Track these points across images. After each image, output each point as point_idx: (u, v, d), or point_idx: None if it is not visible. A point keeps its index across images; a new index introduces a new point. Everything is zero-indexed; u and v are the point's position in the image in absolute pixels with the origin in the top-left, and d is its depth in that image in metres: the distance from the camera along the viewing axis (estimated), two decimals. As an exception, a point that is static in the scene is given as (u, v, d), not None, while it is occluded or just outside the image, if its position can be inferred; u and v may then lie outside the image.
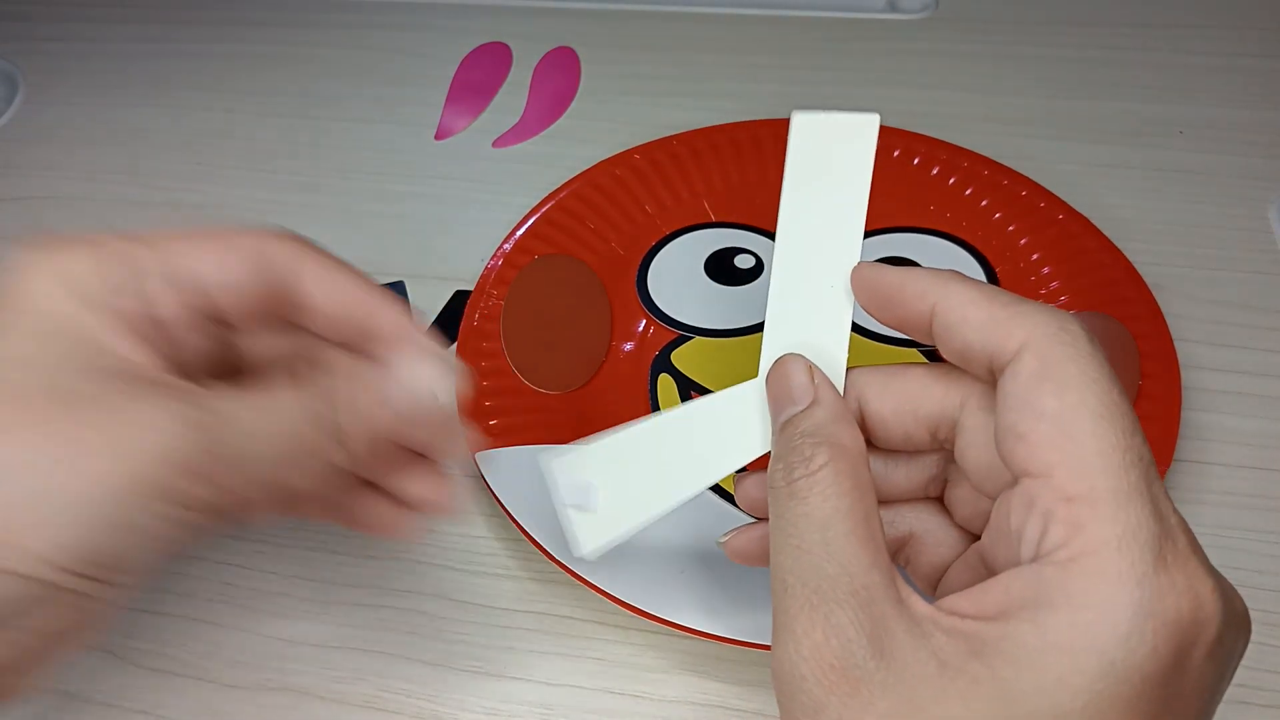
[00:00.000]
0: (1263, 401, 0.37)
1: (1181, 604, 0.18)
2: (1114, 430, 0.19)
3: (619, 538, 0.26)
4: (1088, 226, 0.41)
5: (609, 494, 0.26)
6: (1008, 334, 0.21)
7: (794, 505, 0.21)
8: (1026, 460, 0.20)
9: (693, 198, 0.45)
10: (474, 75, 0.55)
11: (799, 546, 0.21)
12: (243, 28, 0.60)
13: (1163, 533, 0.19)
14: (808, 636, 0.19)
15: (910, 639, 0.19)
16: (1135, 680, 0.18)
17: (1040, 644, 0.18)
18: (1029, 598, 0.18)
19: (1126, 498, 0.19)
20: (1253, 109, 0.49)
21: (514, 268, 0.41)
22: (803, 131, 0.26)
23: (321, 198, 0.49)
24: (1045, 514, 0.19)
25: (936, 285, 0.23)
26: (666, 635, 0.32)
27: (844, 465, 0.22)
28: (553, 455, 0.27)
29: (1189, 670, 0.18)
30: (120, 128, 0.54)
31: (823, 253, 0.26)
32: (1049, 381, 0.20)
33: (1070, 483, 0.19)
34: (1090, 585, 0.18)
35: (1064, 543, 0.19)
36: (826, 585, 0.20)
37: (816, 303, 0.26)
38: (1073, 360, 0.20)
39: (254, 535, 0.36)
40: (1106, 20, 0.55)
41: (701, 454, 0.26)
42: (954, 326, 0.22)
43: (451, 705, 0.31)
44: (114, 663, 0.33)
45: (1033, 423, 0.20)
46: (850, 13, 0.57)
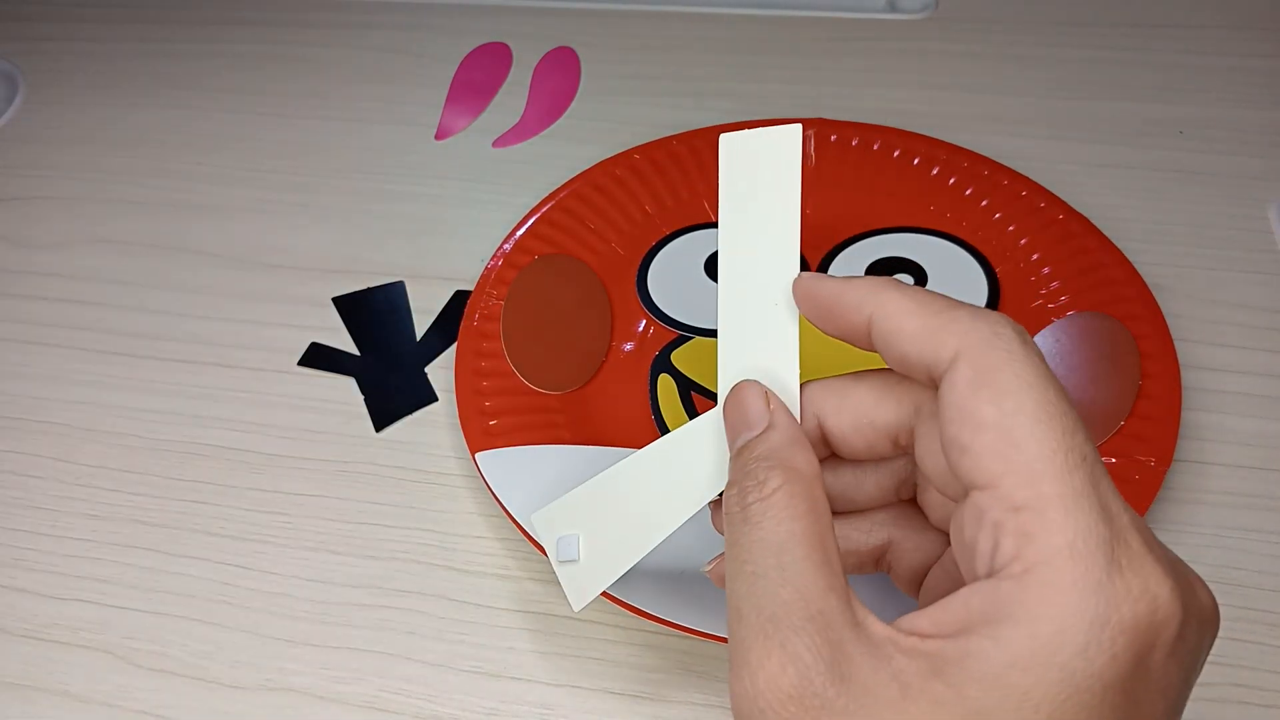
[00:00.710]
0: (1263, 401, 0.37)
1: (1138, 608, 0.18)
2: (1054, 433, 0.19)
3: (604, 585, 0.27)
4: (1088, 226, 0.41)
5: (590, 542, 0.27)
6: (941, 343, 0.21)
7: (748, 530, 0.21)
8: (972, 472, 0.19)
9: (693, 198, 0.45)
10: (474, 75, 0.55)
11: (753, 572, 0.20)
12: (242, 28, 0.60)
13: (1113, 535, 0.18)
14: (763, 666, 0.19)
15: (870, 662, 0.19)
16: (1097, 689, 0.17)
17: (1001, 660, 0.18)
18: (988, 613, 0.18)
19: (1074, 502, 0.18)
20: (1253, 109, 0.49)
21: (514, 268, 0.41)
22: (729, 151, 0.26)
23: (321, 198, 0.49)
24: (995, 526, 0.19)
25: (872, 295, 0.22)
26: (666, 635, 0.32)
27: (798, 488, 0.21)
28: (538, 512, 0.27)
29: (1151, 672, 0.18)
30: (120, 128, 0.54)
31: (763, 270, 0.26)
32: (985, 389, 0.20)
33: (1016, 491, 0.19)
34: (1045, 596, 0.18)
35: (1016, 554, 0.18)
36: (782, 611, 0.19)
37: (763, 323, 0.26)
38: (1007, 365, 0.20)
39: (254, 535, 0.36)
40: (1106, 20, 0.55)
41: (674, 490, 0.26)
42: (890, 336, 0.22)
43: (451, 705, 0.31)
44: (114, 663, 0.33)
45: (973, 434, 0.19)
46: (850, 13, 0.57)
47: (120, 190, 0.51)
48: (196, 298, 0.45)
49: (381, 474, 0.38)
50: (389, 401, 0.40)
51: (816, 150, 0.46)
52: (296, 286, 0.45)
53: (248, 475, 0.38)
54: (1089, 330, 0.38)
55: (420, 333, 0.42)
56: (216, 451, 0.39)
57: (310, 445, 0.39)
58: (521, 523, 0.33)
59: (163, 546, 0.36)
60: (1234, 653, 0.31)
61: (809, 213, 0.45)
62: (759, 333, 0.25)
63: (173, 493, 0.38)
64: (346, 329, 0.43)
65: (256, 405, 0.40)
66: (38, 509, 0.38)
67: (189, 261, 0.46)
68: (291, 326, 0.43)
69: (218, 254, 0.47)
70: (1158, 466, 0.33)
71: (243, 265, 0.46)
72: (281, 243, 0.47)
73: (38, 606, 0.35)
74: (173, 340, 0.43)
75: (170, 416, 0.40)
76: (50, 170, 0.52)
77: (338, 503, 0.37)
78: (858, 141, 0.46)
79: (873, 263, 0.42)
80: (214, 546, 0.36)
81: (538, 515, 0.28)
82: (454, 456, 0.38)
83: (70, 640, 0.34)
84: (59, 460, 0.39)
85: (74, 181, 0.51)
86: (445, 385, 0.40)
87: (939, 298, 0.22)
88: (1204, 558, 0.33)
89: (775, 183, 0.26)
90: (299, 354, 0.42)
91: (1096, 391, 0.35)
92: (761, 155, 0.26)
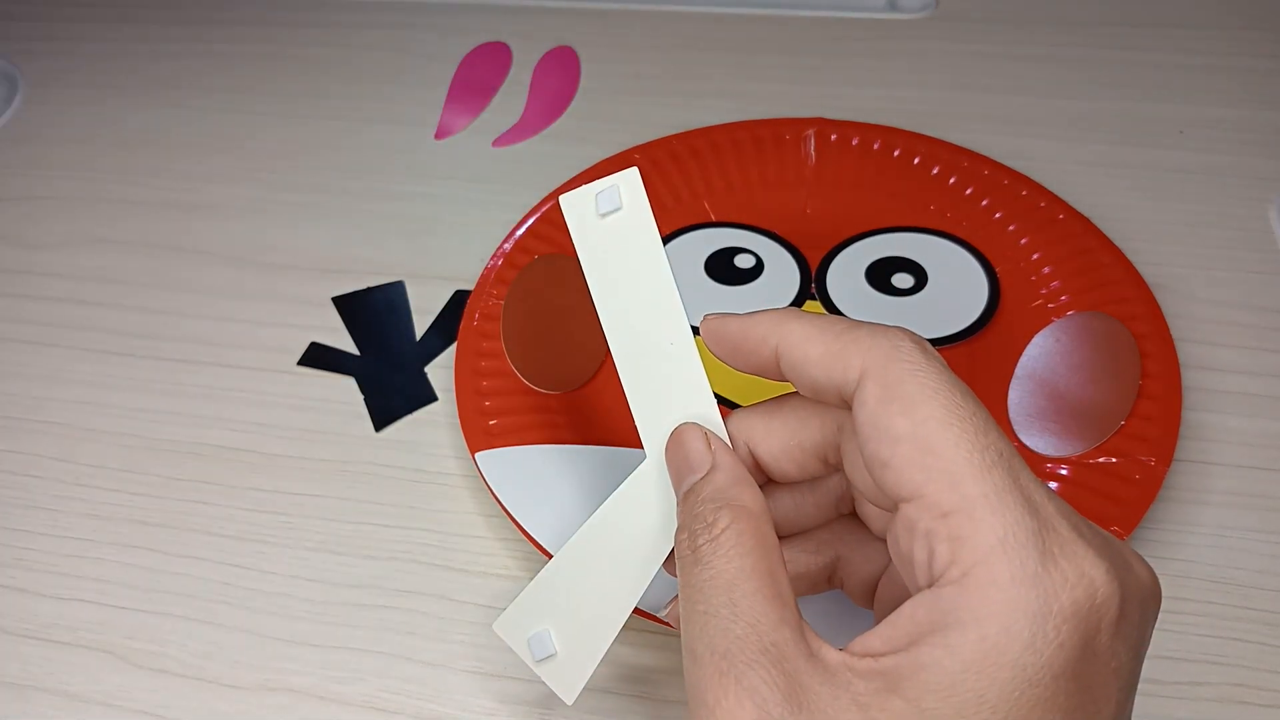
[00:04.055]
0: (1263, 401, 0.37)
1: (1076, 594, 0.18)
2: (967, 434, 0.19)
3: (590, 670, 0.26)
4: (1088, 226, 0.41)
5: (563, 632, 0.26)
6: (845, 364, 0.21)
7: (699, 571, 0.21)
8: (896, 485, 0.20)
9: (693, 198, 0.45)
10: (474, 75, 0.55)
11: (705, 611, 0.20)
12: (242, 28, 0.60)
13: (1041, 525, 0.18)
14: (720, 703, 0.19)
15: (827, 690, 0.19)
16: (1048, 680, 0.18)
17: (953, 666, 0.18)
18: (934, 622, 0.18)
19: (998, 499, 0.19)
20: (1253, 109, 0.49)
21: (514, 268, 0.41)
22: (573, 211, 0.27)
23: (321, 198, 0.49)
24: (927, 534, 0.19)
25: (774, 327, 0.23)
26: (666, 635, 0.32)
27: (746, 525, 0.22)
28: (498, 621, 0.27)
29: (1099, 655, 0.18)
30: (120, 128, 0.54)
31: (647, 317, 0.26)
32: (894, 403, 0.20)
33: (941, 497, 0.19)
34: (986, 597, 0.18)
35: (953, 559, 0.19)
36: (735, 647, 0.19)
37: (665, 367, 0.26)
38: (911, 376, 0.20)
39: (254, 535, 0.36)
40: (1107, 20, 0.55)
41: (630, 553, 0.26)
42: (797, 365, 0.22)
43: (451, 705, 0.31)
44: (114, 663, 0.33)
45: (890, 447, 0.20)
46: (850, 13, 0.57)
47: (120, 190, 0.51)
48: (196, 298, 0.45)
49: (381, 474, 0.38)
50: (389, 401, 0.40)
51: (816, 150, 0.46)
52: (296, 286, 0.45)
53: (248, 475, 0.38)
54: (1089, 330, 0.38)
55: (420, 333, 0.42)
56: (216, 451, 0.39)
57: (310, 445, 0.39)
58: (521, 522, 0.33)
59: (163, 546, 0.36)
60: (1234, 653, 0.31)
61: (809, 212, 0.45)
62: (665, 378, 0.26)
63: (173, 493, 0.38)
64: (346, 329, 0.43)
65: (256, 405, 0.40)
66: (38, 509, 0.38)
67: (189, 261, 0.46)
68: (291, 326, 0.43)
69: (218, 254, 0.47)
70: (1158, 466, 0.33)
71: (243, 265, 0.46)
72: (281, 243, 0.47)
73: (38, 606, 0.35)
74: (173, 340, 0.43)
75: (170, 416, 0.40)
76: (50, 170, 0.52)
77: (338, 503, 0.37)
78: (858, 141, 0.46)
79: (873, 263, 0.42)
80: (214, 546, 0.36)
81: (500, 623, 0.27)
82: (454, 456, 0.38)
83: (70, 640, 0.34)
84: (59, 460, 0.39)
85: (74, 181, 0.51)
86: (445, 385, 0.40)
87: (839, 320, 0.22)
88: (1204, 558, 0.33)
89: (630, 229, 0.26)
90: (299, 354, 0.42)
91: (1096, 391, 0.35)
92: (607, 206, 0.26)
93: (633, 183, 0.26)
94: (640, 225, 0.26)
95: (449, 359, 0.41)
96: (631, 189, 0.26)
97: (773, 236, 0.43)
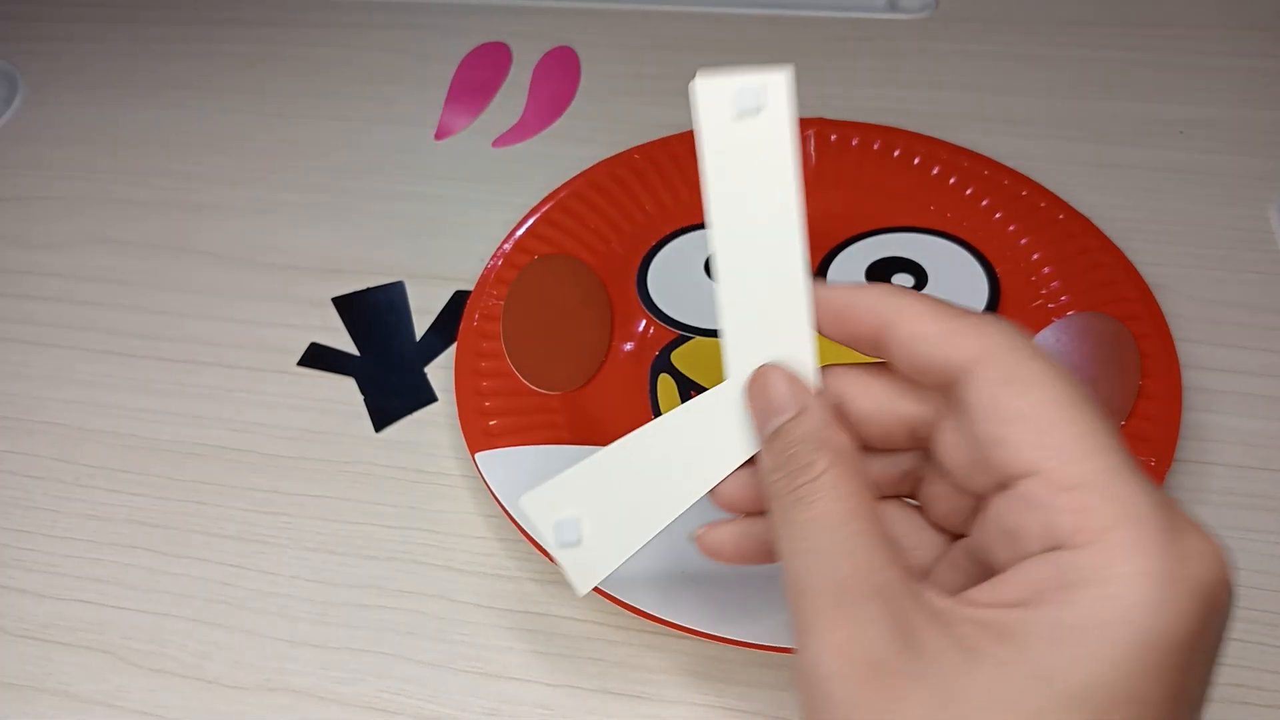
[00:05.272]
0: (1263, 401, 0.37)
1: (1200, 569, 0.18)
2: (1086, 417, 0.20)
3: (615, 566, 0.25)
4: (1088, 226, 0.41)
5: (594, 523, 0.25)
6: (958, 345, 0.21)
7: (802, 510, 0.22)
8: (1013, 463, 0.20)
9: (693, 198, 0.45)
10: (474, 75, 0.55)
11: (813, 550, 0.21)
12: (242, 28, 0.60)
13: (1162, 502, 0.19)
14: (833, 636, 0.19)
15: (934, 630, 0.19)
16: (1165, 646, 0.18)
17: (1073, 621, 0.18)
18: (1054, 581, 0.19)
19: (1119, 476, 0.19)
20: (1253, 109, 0.49)
21: (514, 268, 0.41)
22: (707, 101, 0.24)
23: (321, 197, 0.49)
24: (1047, 507, 0.19)
25: (885, 300, 0.23)
26: (666, 635, 0.32)
27: (846, 467, 0.22)
28: (528, 494, 0.25)
29: (1208, 635, 0.19)
30: (120, 128, 0.54)
31: (764, 243, 0.24)
32: (1012, 385, 0.21)
33: (1062, 473, 0.19)
34: (1113, 561, 0.18)
35: (1077, 528, 0.19)
36: (848, 585, 0.20)
37: (769, 299, 0.24)
38: (1029, 360, 0.21)
39: (254, 535, 0.36)
40: (1106, 20, 0.55)
41: (686, 466, 0.25)
42: (907, 340, 0.22)
43: (451, 705, 0.31)
44: (114, 663, 0.33)
45: (1009, 426, 0.20)
46: (850, 13, 0.57)
47: (120, 190, 0.51)
48: (196, 298, 0.45)
49: (381, 474, 0.38)
50: (389, 401, 0.40)
51: (816, 150, 0.46)
52: (296, 286, 0.45)
53: (248, 475, 0.38)
54: (1089, 330, 0.38)
55: (420, 333, 0.42)
56: (216, 451, 0.39)
57: (310, 445, 0.39)
58: (521, 523, 0.33)
59: (163, 546, 0.36)
60: (1234, 653, 0.31)
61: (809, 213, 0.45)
62: (766, 309, 0.24)
63: (173, 493, 0.38)
64: (346, 329, 0.43)
65: (256, 405, 0.40)
66: (38, 509, 0.38)
67: (189, 261, 0.46)
68: (291, 326, 0.43)
69: (218, 254, 0.47)
70: (1158, 466, 0.33)
71: (243, 265, 0.46)
72: (281, 243, 0.47)
73: (38, 606, 0.35)
74: (173, 340, 0.43)
75: (170, 416, 0.40)
76: (50, 170, 0.52)
77: (338, 503, 0.37)
78: (858, 141, 0.46)
79: (873, 263, 0.42)
80: (214, 546, 0.36)
81: (528, 498, 0.25)
82: (454, 456, 0.38)
83: (70, 640, 0.34)
84: (59, 460, 0.39)
85: (74, 181, 0.51)
86: (445, 385, 0.40)
87: (950, 305, 0.22)
88: (1204, 558, 0.33)
89: (765, 138, 0.23)
90: (299, 354, 0.42)
91: (1096, 392, 0.35)
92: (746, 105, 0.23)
93: (780, 87, 0.23)
94: (777, 138, 0.23)
95: (449, 359, 0.41)
96: (777, 93, 0.23)
97: (773, 236, 0.43)
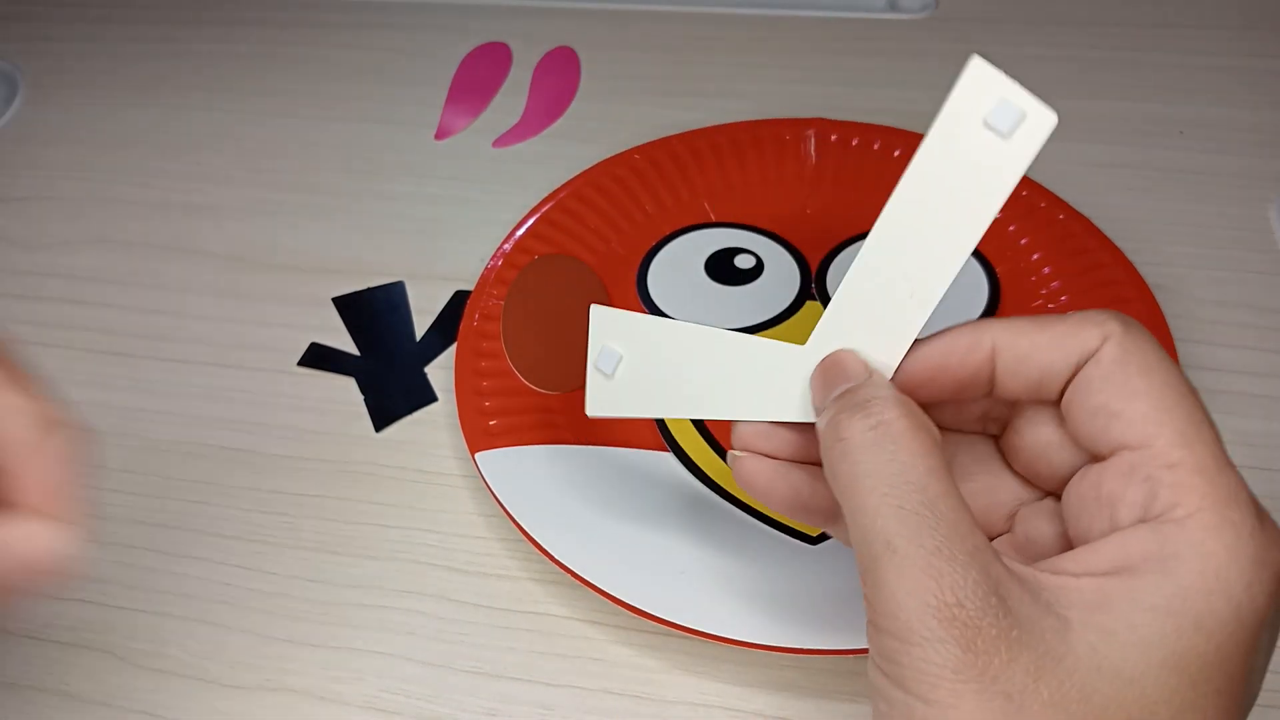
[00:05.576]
0: (1263, 401, 0.37)
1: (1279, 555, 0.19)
2: (1198, 408, 0.21)
3: (626, 414, 0.26)
4: (1088, 226, 0.41)
5: (631, 370, 0.26)
6: (1082, 337, 0.22)
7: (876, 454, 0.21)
8: (1124, 434, 0.21)
9: (693, 198, 0.45)
10: (474, 75, 0.55)
11: (900, 506, 0.20)
12: (242, 28, 0.60)
13: (1252, 495, 0.20)
14: (930, 600, 0.19)
15: (1026, 597, 0.19)
16: (1254, 624, 0.19)
17: (1171, 591, 0.19)
18: (1152, 552, 0.19)
19: (1220, 464, 0.20)
20: (1253, 109, 0.49)
21: (514, 268, 0.41)
22: (966, 94, 0.23)
23: (321, 198, 0.49)
24: (1149, 479, 0.20)
25: (981, 332, 0.23)
26: (666, 635, 0.32)
27: (917, 420, 0.22)
28: (601, 308, 0.26)
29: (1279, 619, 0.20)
30: (120, 128, 0.54)
31: (920, 253, 0.23)
32: (1133, 365, 0.21)
33: (1170, 451, 0.20)
34: (1212, 536, 0.19)
35: (1177, 502, 0.20)
36: (944, 547, 0.20)
37: (889, 303, 0.24)
38: (1149, 347, 0.22)
39: (254, 535, 0.36)
40: (1106, 20, 0.55)
41: (732, 385, 0.25)
42: (1024, 356, 0.23)
43: (451, 705, 0.31)
44: (114, 663, 0.33)
45: (1127, 400, 0.21)
46: (850, 13, 0.57)
47: (120, 190, 0.51)
48: (196, 298, 0.45)
49: (381, 474, 0.38)
50: (389, 401, 0.40)
51: (816, 150, 0.46)
52: (296, 286, 0.45)
53: (248, 475, 0.38)
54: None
55: (420, 333, 0.42)
56: (216, 451, 0.39)
57: (310, 445, 0.39)
58: (521, 523, 0.33)
59: (163, 546, 0.36)
60: (1234, 653, 0.31)
61: (809, 212, 0.45)
62: (881, 310, 0.24)
63: (173, 493, 0.38)
64: (346, 329, 0.43)
65: (256, 405, 0.40)
66: (38, 509, 0.38)
67: (189, 261, 0.46)
68: (291, 326, 0.43)
69: (218, 254, 0.47)
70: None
71: (243, 265, 0.46)
72: (281, 243, 0.47)
73: (38, 606, 0.35)
74: (173, 340, 0.43)
75: (170, 416, 0.40)
76: (50, 170, 0.52)
77: (338, 503, 0.37)
78: (858, 141, 0.46)
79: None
80: (214, 546, 0.36)
81: (599, 309, 0.26)
82: (454, 456, 0.38)
83: (70, 640, 0.34)
84: (59, 460, 0.39)
85: (74, 181, 0.51)
86: (445, 385, 0.40)
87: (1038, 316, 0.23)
88: (1204, 558, 0.33)
89: (994, 161, 0.23)
90: (299, 354, 0.42)
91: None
92: (996, 119, 0.23)
93: (1041, 127, 0.23)
94: (1005, 171, 0.23)
95: (449, 359, 0.41)
96: (1033, 131, 0.23)
97: (773, 236, 0.43)
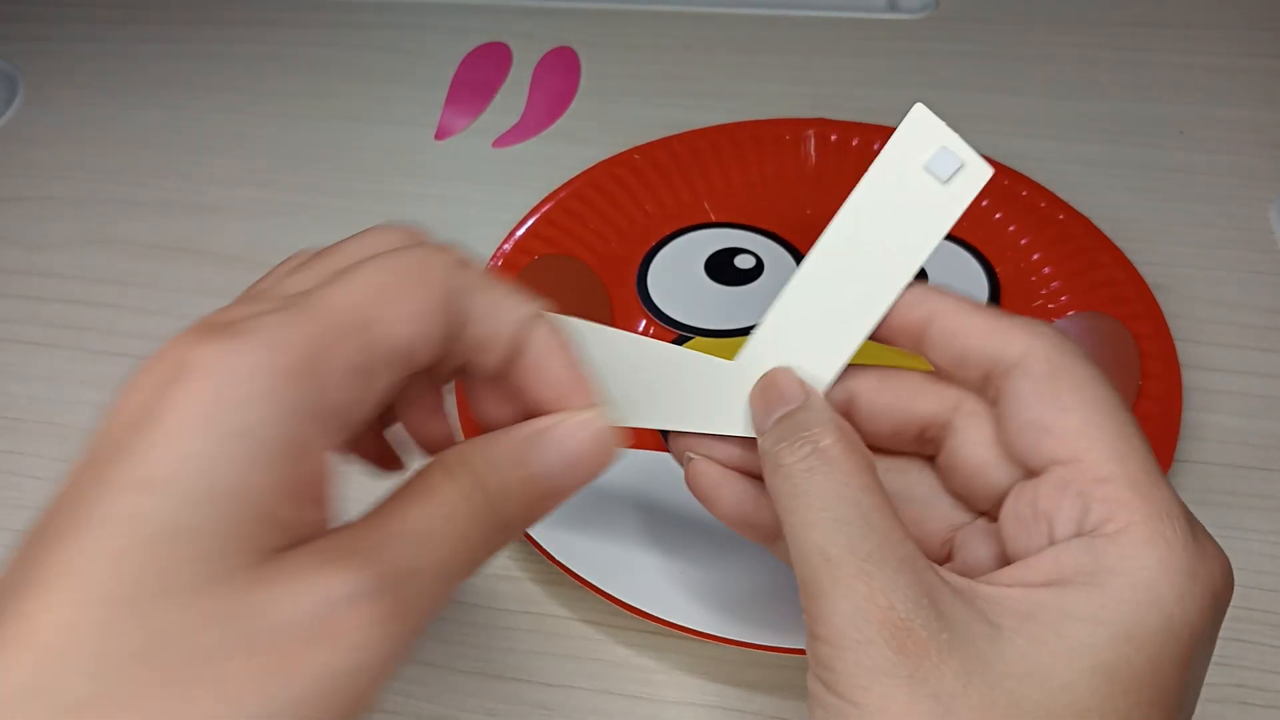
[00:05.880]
0: (1263, 401, 0.37)
1: (1215, 569, 0.20)
2: (1128, 422, 0.21)
3: None
4: (1088, 226, 0.41)
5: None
6: (1007, 341, 0.22)
7: (811, 478, 0.22)
8: (1055, 450, 0.21)
9: (693, 198, 0.45)
10: (474, 75, 0.55)
11: (835, 519, 0.21)
12: (243, 28, 0.60)
13: (1185, 509, 0.20)
14: (861, 604, 0.20)
15: (959, 603, 0.20)
16: (1186, 636, 0.19)
17: (1104, 602, 0.19)
18: (1084, 565, 0.20)
19: (1153, 478, 0.20)
20: (1253, 109, 0.49)
21: (514, 268, 0.41)
22: (906, 137, 0.25)
23: (321, 198, 0.49)
24: (1082, 495, 0.20)
25: (928, 297, 0.24)
26: (666, 635, 0.32)
27: (852, 444, 0.22)
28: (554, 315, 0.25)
29: (1214, 632, 0.20)
30: (120, 128, 0.54)
31: (856, 284, 0.24)
32: (1063, 380, 0.22)
33: (1101, 466, 0.20)
34: (1144, 550, 0.19)
35: (1109, 517, 0.20)
36: (873, 555, 0.20)
37: (825, 326, 0.24)
38: (1078, 362, 0.22)
39: (254, 535, 0.36)
40: (1106, 20, 0.55)
41: (675, 396, 0.25)
42: (951, 333, 0.23)
43: (451, 706, 0.31)
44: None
45: (1057, 415, 0.21)
46: (850, 13, 0.57)
47: (120, 190, 0.51)
48: (196, 298, 0.45)
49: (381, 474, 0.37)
50: (389, 401, 0.40)
51: (816, 150, 0.46)
52: (296, 286, 0.45)
53: (248, 475, 0.38)
54: (1089, 330, 0.38)
55: (420, 333, 0.42)
56: (216, 451, 0.39)
57: (310, 445, 0.39)
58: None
59: (163, 546, 0.36)
60: (1234, 653, 0.31)
61: (809, 212, 0.45)
62: (816, 331, 0.24)
63: (173, 493, 0.38)
64: (346, 329, 0.43)
65: (256, 405, 0.40)
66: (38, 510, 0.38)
67: (189, 261, 0.46)
68: (291, 326, 0.43)
69: (218, 254, 0.47)
70: (1158, 466, 0.33)
71: (243, 265, 0.46)
72: (281, 243, 0.47)
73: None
74: (173, 340, 0.43)
75: (170, 416, 0.40)
76: (50, 170, 0.52)
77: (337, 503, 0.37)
78: (858, 141, 0.46)
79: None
80: (214, 546, 0.36)
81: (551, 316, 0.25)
82: (454, 456, 0.38)
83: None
84: (59, 460, 0.39)
85: (74, 181, 0.51)
86: (445, 385, 0.40)
87: (989, 306, 0.23)
88: (1204, 558, 0.33)
89: (930, 205, 0.24)
90: (299, 354, 0.42)
91: (1096, 391, 0.36)
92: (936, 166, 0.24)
93: (977, 178, 0.24)
94: (940, 216, 0.24)
95: (449, 359, 0.41)
96: (970, 181, 0.24)
97: (773, 236, 0.43)
